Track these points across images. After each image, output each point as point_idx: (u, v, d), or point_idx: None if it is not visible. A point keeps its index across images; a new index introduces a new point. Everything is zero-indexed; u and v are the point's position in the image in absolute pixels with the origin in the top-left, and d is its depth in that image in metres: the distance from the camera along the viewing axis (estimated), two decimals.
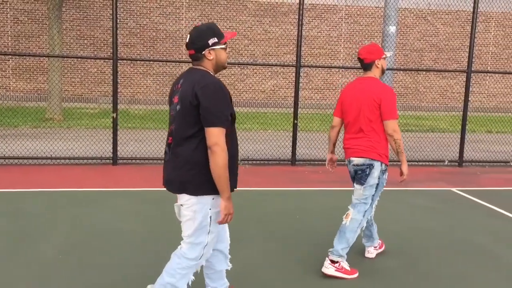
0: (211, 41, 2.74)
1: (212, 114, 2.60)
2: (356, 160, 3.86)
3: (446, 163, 8.59)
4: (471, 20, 8.19)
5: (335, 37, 17.55)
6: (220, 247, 3.07)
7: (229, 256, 3.15)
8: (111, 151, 7.73)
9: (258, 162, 8.27)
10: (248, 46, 17.24)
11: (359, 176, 3.88)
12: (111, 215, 5.17)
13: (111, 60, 7.69)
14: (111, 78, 16.24)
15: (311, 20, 17.26)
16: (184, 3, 16.74)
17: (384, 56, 3.94)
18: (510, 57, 18.28)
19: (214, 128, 2.60)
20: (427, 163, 8.55)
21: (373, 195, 3.88)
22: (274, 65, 8.38)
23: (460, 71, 8.50)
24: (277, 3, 17.03)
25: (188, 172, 2.69)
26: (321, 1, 16.94)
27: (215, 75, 2.80)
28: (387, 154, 3.88)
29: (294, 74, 15.05)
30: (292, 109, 11.52)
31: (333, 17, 17.38)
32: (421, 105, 18.12)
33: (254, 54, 17.29)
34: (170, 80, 17.08)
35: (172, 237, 4.59)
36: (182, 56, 16.96)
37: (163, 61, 7.59)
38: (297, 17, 7.89)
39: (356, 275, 3.86)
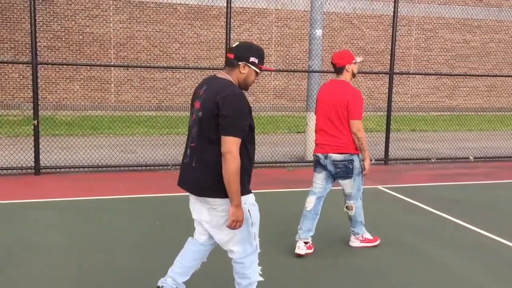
0: (252, 59, 2.89)
1: (229, 124, 2.72)
2: (335, 156, 4.26)
3: (372, 161, 8.90)
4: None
5: (266, 40, 17.73)
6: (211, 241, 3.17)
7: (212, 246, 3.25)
8: (33, 160, 7.34)
9: None
10: (179, 49, 17.03)
11: (343, 171, 4.31)
12: (32, 228, 4.89)
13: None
14: None
15: (242, 23, 17.34)
16: (111, 6, 16.28)
17: (354, 61, 4.33)
18: (431, 59, 19.27)
19: (229, 137, 2.72)
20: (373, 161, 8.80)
21: (361, 180, 4.42)
22: (205, 69, 8.32)
23: (383, 73, 8.84)
24: (207, 6, 16.97)
25: (214, 176, 2.81)
26: (251, 5, 17.05)
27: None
28: None
29: None
30: None
31: (263, 20, 17.56)
32: None
33: (185, 58, 17.11)
34: (99, 85, 16.53)
35: (97, 248, 4.41)
36: (110, 60, 16.47)
37: (90, 65, 7.31)
38: (230, 21, 7.87)
39: (378, 241, 4.61)
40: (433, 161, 9.22)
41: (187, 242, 3.27)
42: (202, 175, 2.85)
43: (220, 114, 2.73)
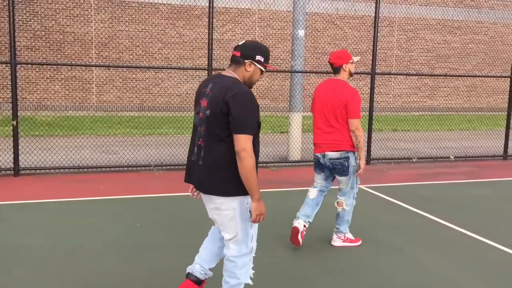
0: (258, 57, 2.93)
1: (241, 122, 2.74)
2: (331, 154, 4.36)
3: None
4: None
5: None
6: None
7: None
8: (12, 161, 7.23)
9: (173, 167, 8.13)
10: (161, 49, 16.94)
11: (339, 169, 4.40)
12: (11, 230, 4.82)
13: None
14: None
15: (225, 23, 17.31)
16: (92, 5, 16.12)
17: (351, 61, 4.41)
18: (412, 60, 19.48)
19: (242, 135, 2.74)
20: None
21: (356, 178, 4.51)
22: (186, 69, 8.27)
23: (365, 73, 8.90)
24: (190, 6, 16.90)
25: (223, 174, 2.83)
26: (234, 5, 17.04)
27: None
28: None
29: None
30: None
31: (246, 20, 17.56)
32: None
33: (168, 58, 17.02)
34: (80, 85, 16.35)
35: (77, 250, 4.36)
36: (92, 60, 16.31)
37: (70, 65, 7.22)
38: (213, 20, 7.84)
39: (360, 242, 4.62)
40: (414, 160, 9.32)
41: (211, 230, 3.31)
42: (209, 173, 2.87)
43: (231, 113, 2.75)
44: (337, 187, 4.63)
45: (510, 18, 19.81)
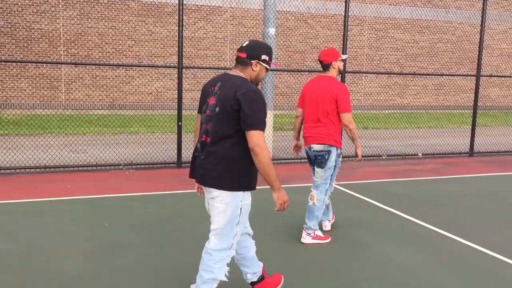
0: (263, 56, 3.06)
1: (252, 119, 2.85)
2: (316, 147, 4.53)
3: None
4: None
5: (221, 38, 17.66)
6: (246, 230, 3.29)
7: (252, 233, 3.36)
8: None
9: (143, 166, 8.03)
10: (132, 47, 16.71)
11: (319, 160, 4.54)
12: None
13: None
14: None
15: (196, 21, 17.20)
16: (60, 1, 15.78)
17: (340, 58, 4.58)
18: (382, 58, 19.75)
19: (254, 131, 2.85)
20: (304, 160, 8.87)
21: (332, 175, 4.60)
22: (156, 66, 8.19)
23: None
24: (160, 3, 16.72)
25: (223, 168, 2.93)
26: (206, 2, 16.94)
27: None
28: (341, 140, 4.60)
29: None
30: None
31: (218, 18, 17.48)
32: None
33: (139, 55, 16.81)
34: (48, 83, 15.98)
35: (42, 252, 4.26)
36: (60, 57, 15.97)
37: (38, 62, 7.06)
38: (183, 17, 7.78)
39: (329, 240, 4.66)
40: (384, 158, 9.45)
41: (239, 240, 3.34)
42: (210, 166, 2.97)
43: (242, 110, 2.85)
44: (335, 184, 4.66)
45: (476, 18, 20.27)
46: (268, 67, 3.10)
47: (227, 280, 3.13)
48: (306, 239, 4.63)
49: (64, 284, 3.66)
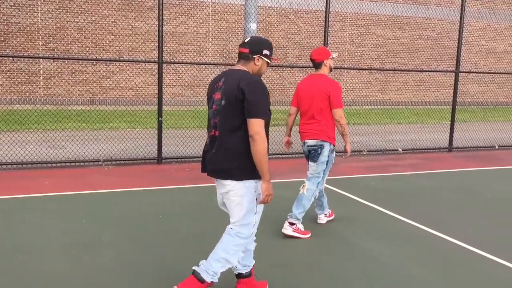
0: (265, 51, 3.21)
1: (254, 107, 2.97)
2: (309, 142, 4.71)
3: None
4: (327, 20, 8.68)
5: (203, 33, 17.57)
6: None
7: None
8: None
9: (123, 162, 7.95)
10: (113, 42, 16.52)
11: (312, 155, 4.71)
12: None
13: None
14: None
15: (178, 16, 17.07)
16: None
17: (331, 56, 4.78)
18: (364, 55, 19.87)
19: (255, 119, 2.97)
20: (289, 155, 8.91)
21: (324, 170, 4.74)
22: (136, 61, 8.11)
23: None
24: None
25: (235, 161, 3.04)
26: None
27: None
28: (334, 136, 4.76)
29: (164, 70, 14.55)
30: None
31: (200, 13, 17.37)
32: (287, 100, 18.94)
33: (119, 50, 16.62)
34: (26, 78, 15.71)
35: (19, 250, 4.19)
36: (39, 52, 15.71)
37: (16, 57, 6.92)
38: (163, 12, 7.69)
39: (309, 235, 4.71)
40: (364, 153, 9.51)
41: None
42: (221, 159, 3.08)
43: (246, 99, 2.98)
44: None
45: (456, 15, 20.51)
46: (269, 61, 3.24)
47: (236, 267, 3.30)
48: (287, 230, 4.68)
49: (41, 282, 3.61)
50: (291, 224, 4.68)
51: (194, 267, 3.23)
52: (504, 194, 6.62)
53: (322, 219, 5.14)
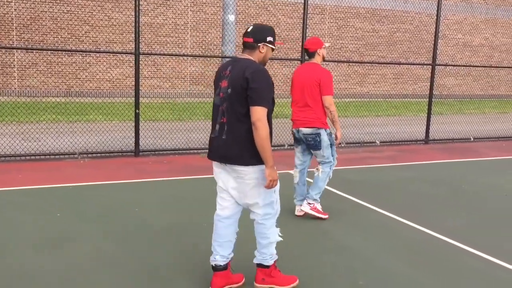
0: (268, 38, 3.29)
1: (258, 95, 3.07)
2: (305, 130, 4.88)
3: (285, 147, 9.07)
4: (307, 12, 8.67)
5: (181, 25, 17.40)
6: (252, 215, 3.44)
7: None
8: None
9: (100, 154, 7.84)
10: (89, 32, 16.24)
11: (313, 144, 4.91)
12: None
13: None
14: None
15: (155, 7, 16.85)
16: None
17: (324, 46, 4.96)
18: (342, 47, 19.94)
19: (258, 106, 3.07)
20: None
21: (331, 152, 4.99)
22: (113, 53, 7.97)
23: (297, 59, 8.98)
24: None
25: (245, 146, 3.14)
26: None
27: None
28: (327, 122, 4.95)
29: (141, 62, 14.32)
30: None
31: (178, 4, 17.19)
32: None
33: (96, 41, 16.36)
34: (0, 69, 15.34)
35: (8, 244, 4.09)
36: (12, 42, 15.36)
37: None
38: (139, 2, 7.57)
39: (327, 216, 5.00)
40: (342, 145, 9.56)
41: (215, 220, 3.45)
42: (232, 146, 3.17)
43: (250, 87, 3.08)
44: (292, 171, 4.64)
45: (433, 8, 20.71)
46: (273, 47, 3.33)
47: (282, 239, 3.49)
48: (305, 206, 5.01)
49: (13, 278, 3.53)
50: (309, 203, 4.98)
51: (254, 260, 3.48)
52: (478, 185, 6.73)
53: (299, 211, 5.19)
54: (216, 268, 3.42)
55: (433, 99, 10.32)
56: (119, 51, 12.85)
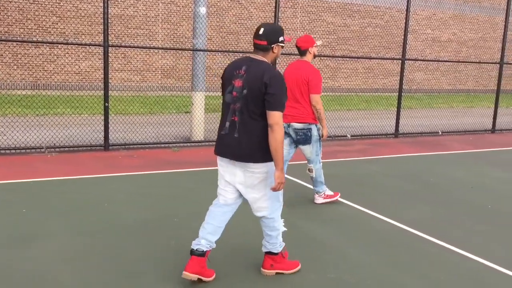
0: (280, 38, 3.41)
1: (276, 100, 3.22)
2: (296, 125, 5.07)
3: None
4: (280, 6, 8.64)
5: (152, 17, 17.14)
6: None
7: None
8: None
9: (68, 149, 7.68)
10: (56, 23, 15.84)
11: (303, 139, 5.11)
12: None
13: None
14: None
15: None
16: None
17: (315, 44, 5.11)
18: None
19: (276, 111, 3.22)
20: None
21: (319, 146, 5.22)
22: (79, 44, 7.80)
23: None
24: None
25: (257, 145, 3.29)
26: None
27: None
28: (316, 118, 5.13)
29: (111, 54, 14.02)
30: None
31: None
32: None
33: (64, 33, 15.97)
34: None
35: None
36: None
37: None
38: None
39: (338, 196, 5.46)
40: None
41: (213, 205, 3.57)
42: (245, 144, 3.29)
43: (268, 92, 3.21)
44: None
45: (403, 4, 21.00)
46: (283, 45, 3.45)
47: (286, 229, 3.71)
48: (318, 200, 5.37)
49: None
50: (320, 195, 5.33)
51: (263, 249, 3.65)
52: (445, 178, 6.88)
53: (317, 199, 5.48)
54: (195, 252, 3.42)
55: (402, 94, 10.47)
56: (87, 43, 12.58)
